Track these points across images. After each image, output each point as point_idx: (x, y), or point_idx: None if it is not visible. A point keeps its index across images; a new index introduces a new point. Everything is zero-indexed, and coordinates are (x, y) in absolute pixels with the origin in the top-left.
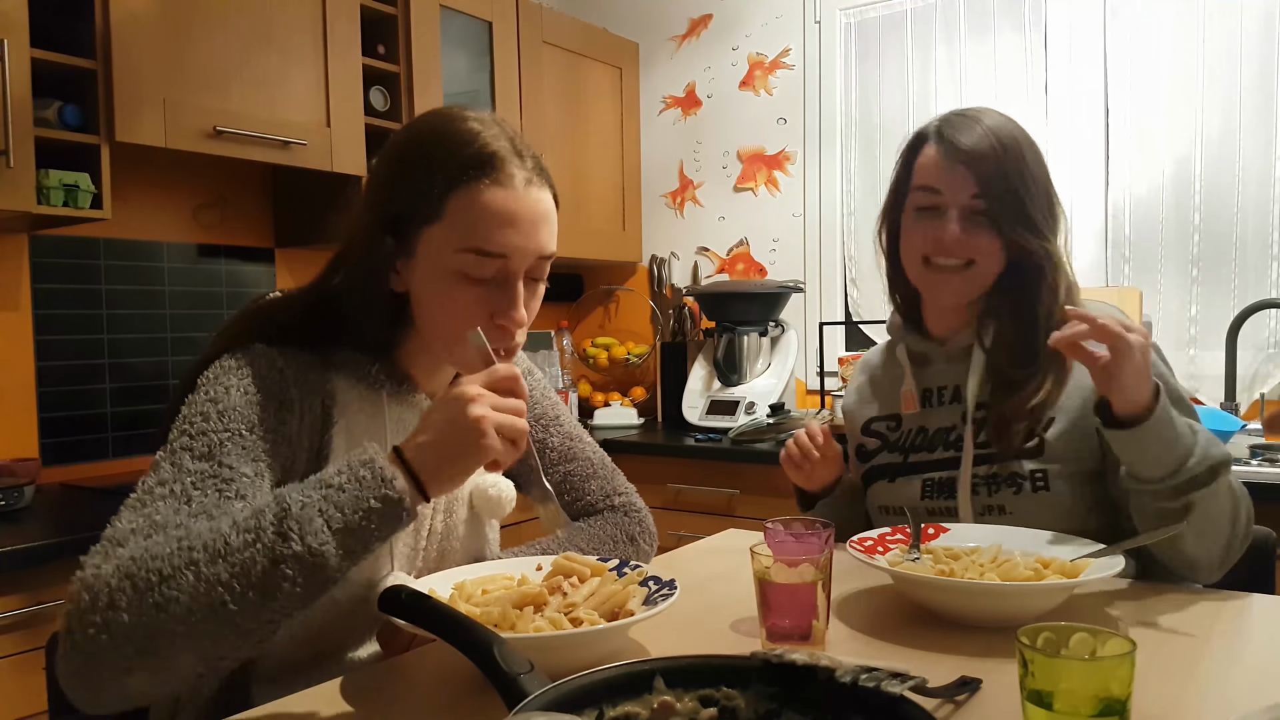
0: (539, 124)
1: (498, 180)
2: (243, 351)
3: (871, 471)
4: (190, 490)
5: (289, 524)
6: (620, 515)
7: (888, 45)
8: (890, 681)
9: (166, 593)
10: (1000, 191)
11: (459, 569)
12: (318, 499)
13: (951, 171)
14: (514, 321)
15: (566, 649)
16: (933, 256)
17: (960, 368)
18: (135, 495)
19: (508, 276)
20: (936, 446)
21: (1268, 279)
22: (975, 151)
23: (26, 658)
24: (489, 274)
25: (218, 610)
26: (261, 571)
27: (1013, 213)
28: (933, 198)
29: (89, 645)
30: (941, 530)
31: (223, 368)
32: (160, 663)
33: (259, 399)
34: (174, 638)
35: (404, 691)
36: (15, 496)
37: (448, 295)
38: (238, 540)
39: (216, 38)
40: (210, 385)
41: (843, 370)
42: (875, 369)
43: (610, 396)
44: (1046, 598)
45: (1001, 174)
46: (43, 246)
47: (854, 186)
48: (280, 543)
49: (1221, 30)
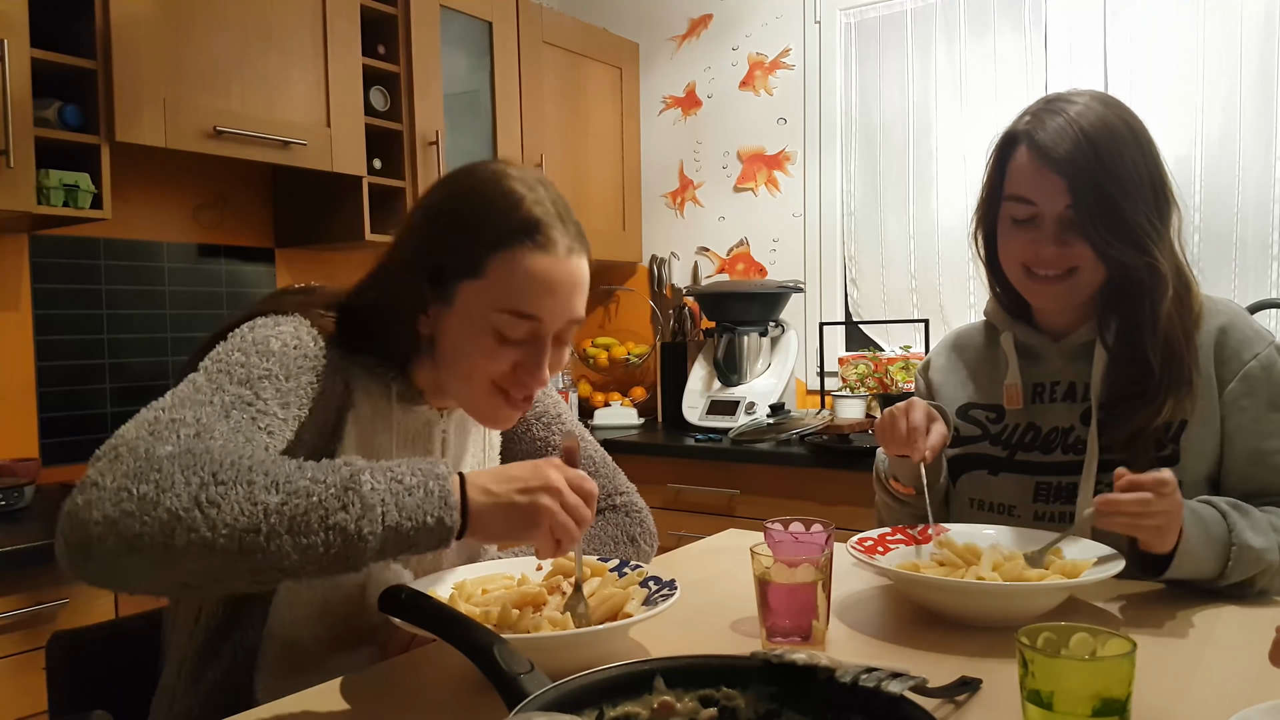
0: (539, 124)
1: (541, 246)
2: (285, 316)
3: (966, 459)
4: (230, 408)
5: (352, 497)
6: (621, 515)
7: (888, 45)
8: (890, 681)
9: (213, 493)
10: (1092, 201)
11: (459, 569)
12: (386, 488)
13: (1042, 180)
14: (538, 381)
15: (566, 649)
16: (1033, 267)
17: (1078, 366)
18: (165, 400)
19: (539, 338)
20: (1053, 448)
21: (1268, 279)
22: (1066, 158)
23: (26, 658)
24: (521, 334)
25: (247, 535)
26: (305, 525)
27: (1107, 222)
28: (1028, 209)
29: (112, 503)
30: (941, 530)
31: (264, 323)
32: (167, 555)
33: (297, 356)
34: (196, 537)
35: (404, 691)
36: (15, 496)
37: (477, 348)
38: (302, 484)
39: (216, 38)
40: (253, 331)
41: (843, 370)
42: (971, 351)
43: (610, 396)
44: (1046, 598)
45: (1093, 182)
46: (43, 246)
47: (854, 186)
48: (337, 509)
49: (1221, 30)
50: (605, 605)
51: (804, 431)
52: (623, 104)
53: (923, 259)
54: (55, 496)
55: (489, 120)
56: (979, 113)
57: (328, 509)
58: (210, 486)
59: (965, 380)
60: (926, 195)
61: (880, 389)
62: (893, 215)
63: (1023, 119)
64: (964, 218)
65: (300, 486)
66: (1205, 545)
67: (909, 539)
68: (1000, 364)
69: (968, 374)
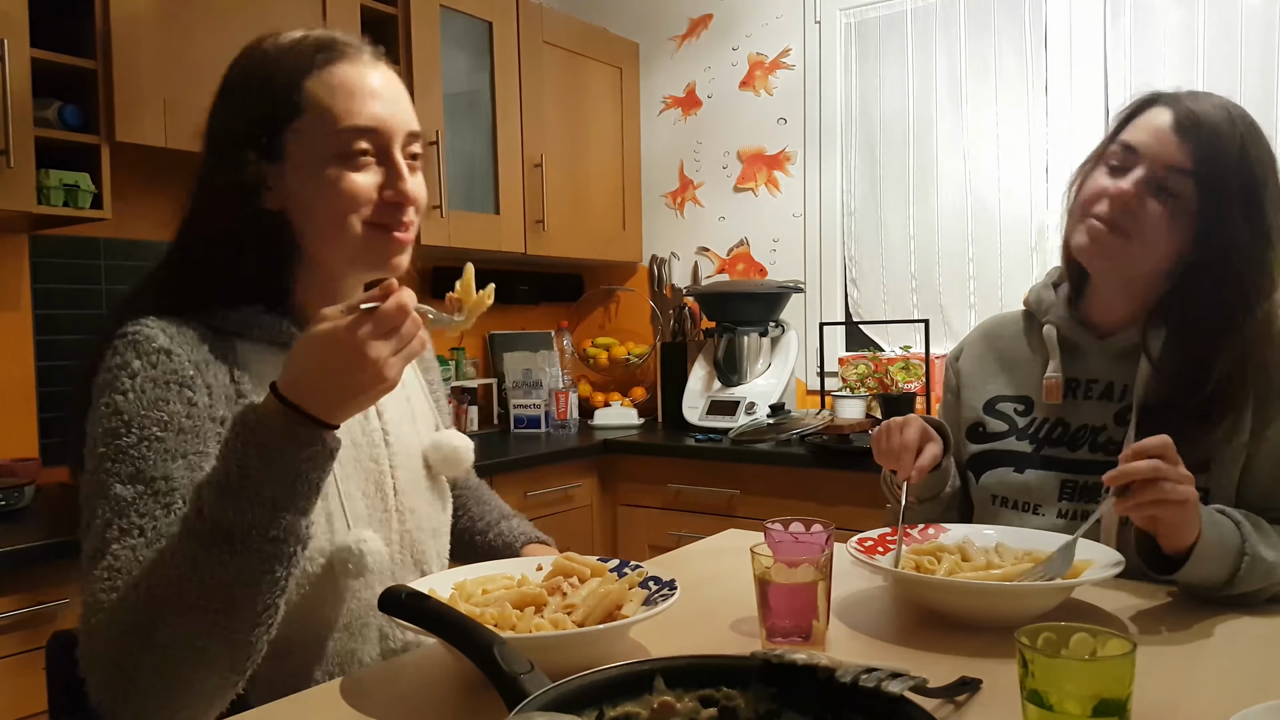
0: (539, 124)
1: (347, 58)
2: (124, 343)
3: (991, 456)
4: (135, 520)
5: (234, 530)
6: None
7: (888, 45)
8: (890, 681)
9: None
10: (1215, 174)
11: (459, 569)
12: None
13: (1161, 134)
14: (404, 195)
15: (567, 649)
16: (1096, 210)
17: (1122, 367)
18: (88, 542)
19: (386, 150)
20: (1080, 445)
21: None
22: (1201, 125)
23: (26, 658)
24: (366, 153)
25: (214, 629)
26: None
27: (1223, 200)
28: (1127, 156)
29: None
30: (941, 530)
31: (111, 369)
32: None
33: (157, 391)
34: (191, 672)
35: (404, 691)
36: (15, 496)
37: (330, 187)
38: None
39: (216, 38)
40: (107, 393)
41: (843, 370)
42: (1004, 340)
43: (610, 396)
44: (1047, 598)
45: (1225, 162)
46: (43, 246)
47: (854, 186)
48: (239, 547)
49: (1221, 30)
50: (604, 605)
51: (804, 432)
52: (623, 104)
53: (923, 259)
54: (55, 496)
55: (489, 120)
56: (979, 113)
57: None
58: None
59: (996, 371)
60: (926, 195)
61: (880, 389)
62: (893, 215)
63: (1166, 90)
64: (964, 218)
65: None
66: (1219, 549)
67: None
68: (1035, 354)
69: (999, 364)
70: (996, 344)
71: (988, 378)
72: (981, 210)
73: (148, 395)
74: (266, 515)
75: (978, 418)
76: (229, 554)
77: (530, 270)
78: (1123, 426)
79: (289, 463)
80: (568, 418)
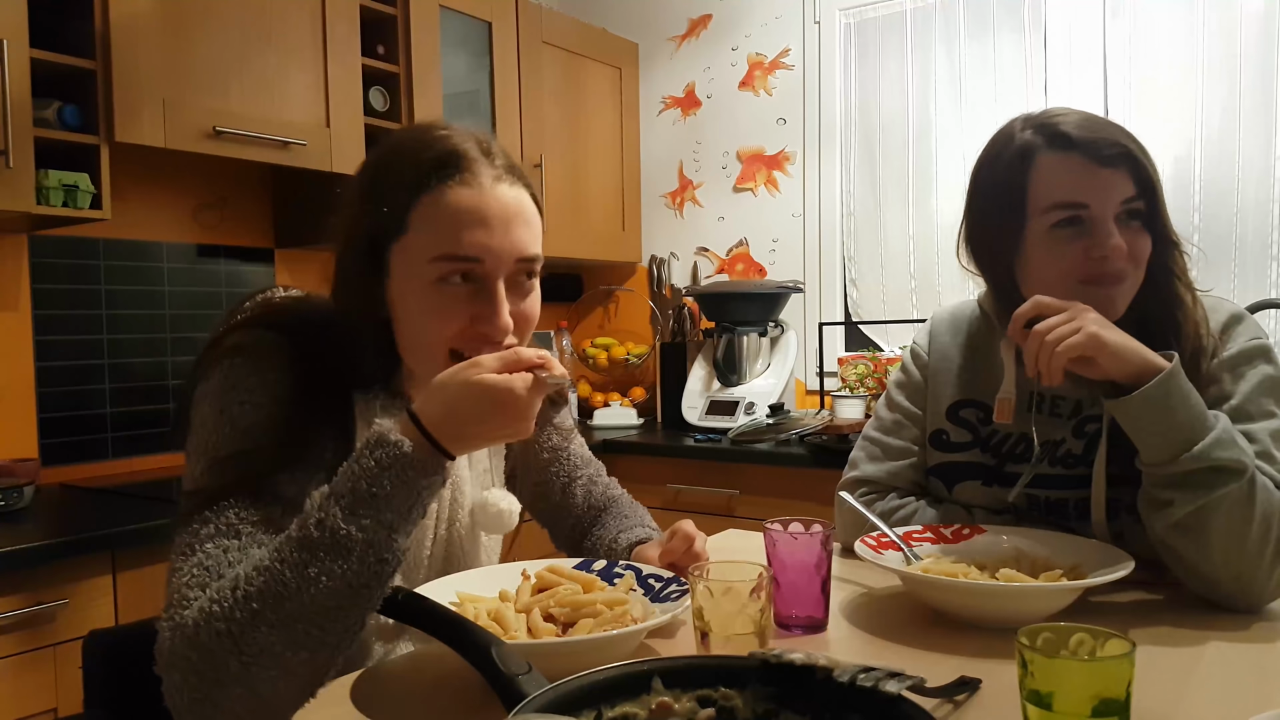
0: (539, 124)
1: (463, 180)
2: (244, 356)
3: (958, 468)
4: (233, 521)
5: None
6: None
7: (887, 45)
8: (888, 681)
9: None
10: (1152, 190)
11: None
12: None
13: (1097, 179)
14: (497, 329)
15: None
16: (1091, 274)
17: (1082, 381)
18: (181, 536)
19: (485, 281)
20: (1041, 459)
21: (1267, 279)
22: (1123, 152)
23: (27, 658)
24: (464, 282)
25: (306, 642)
26: (337, 597)
27: (1162, 212)
28: (1078, 213)
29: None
30: (978, 531)
31: (230, 378)
32: (271, 703)
33: (282, 412)
34: (276, 681)
35: (404, 692)
36: (15, 496)
37: (423, 310)
38: (295, 579)
39: (216, 38)
40: (225, 403)
41: (842, 370)
42: (969, 338)
43: (610, 397)
44: (1053, 600)
45: (1151, 171)
46: (42, 246)
47: (854, 186)
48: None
49: (1221, 30)
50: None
51: (803, 432)
52: (622, 104)
53: (922, 259)
54: (55, 496)
55: (489, 120)
56: (978, 113)
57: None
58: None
59: (959, 370)
60: (926, 195)
61: (880, 389)
62: (892, 215)
63: (1025, 133)
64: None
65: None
66: (1186, 405)
67: (938, 538)
68: (996, 359)
69: (963, 363)
70: (959, 340)
71: (951, 379)
72: None
73: (265, 413)
74: (384, 536)
75: (941, 425)
76: (341, 568)
77: None
78: (1081, 439)
79: (414, 489)
80: None
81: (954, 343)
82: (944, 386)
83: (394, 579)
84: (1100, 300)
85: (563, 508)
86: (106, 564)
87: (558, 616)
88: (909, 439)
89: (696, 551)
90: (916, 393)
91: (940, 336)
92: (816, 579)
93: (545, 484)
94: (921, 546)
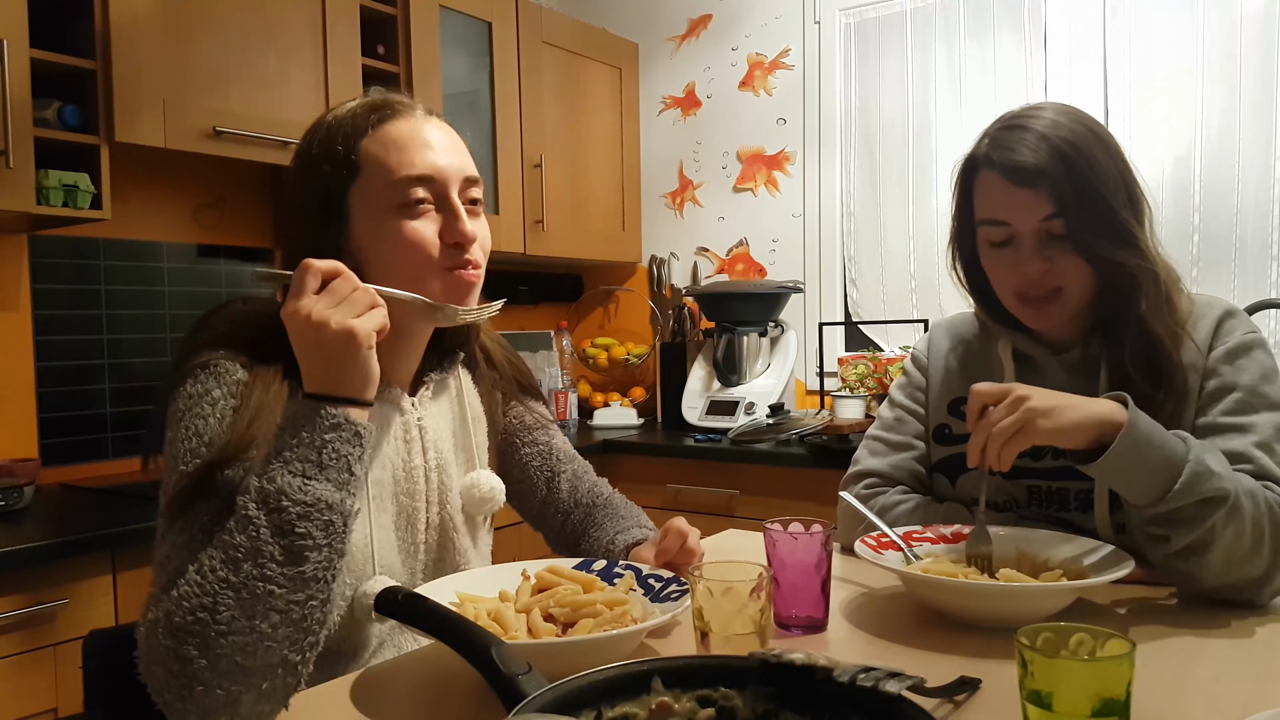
0: (539, 124)
1: (398, 114)
2: (206, 372)
3: (960, 460)
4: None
5: (271, 499)
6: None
7: (887, 45)
8: (888, 681)
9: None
10: (1075, 208)
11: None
12: (278, 467)
13: (1014, 198)
14: (464, 235)
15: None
16: (1023, 291)
17: (1079, 380)
18: (162, 551)
19: (444, 197)
20: (1043, 454)
21: (1267, 279)
22: (1038, 169)
23: (27, 658)
24: (425, 202)
25: (271, 602)
26: (283, 548)
27: (1094, 227)
28: (1003, 230)
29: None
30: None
31: (193, 395)
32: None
33: (242, 422)
34: (255, 649)
35: (404, 692)
36: (15, 496)
37: (395, 237)
38: (244, 540)
39: (216, 38)
40: (188, 419)
41: (842, 370)
42: (966, 342)
43: (610, 397)
44: (1054, 599)
45: (1074, 188)
46: (42, 246)
47: (854, 186)
48: (277, 515)
49: (1220, 30)
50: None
51: (803, 432)
52: (622, 104)
53: (922, 259)
54: (55, 496)
55: (489, 121)
56: (978, 113)
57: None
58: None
59: (959, 370)
60: (926, 195)
61: (880, 389)
62: (892, 215)
63: (982, 142)
64: None
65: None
66: (1153, 450)
67: (938, 538)
68: (993, 364)
69: (960, 365)
70: (958, 346)
71: (951, 378)
72: None
73: (227, 421)
74: (298, 484)
75: (943, 419)
76: (268, 527)
77: (530, 270)
78: None
79: (315, 437)
80: (567, 418)
81: (953, 346)
82: (944, 384)
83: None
84: (1037, 318)
85: (549, 503)
86: (106, 564)
87: (558, 616)
88: (911, 433)
89: (691, 548)
90: (918, 391)
91: (939, 341)
92: (816, 579)
93: (528, 481)
94: (921, 546)
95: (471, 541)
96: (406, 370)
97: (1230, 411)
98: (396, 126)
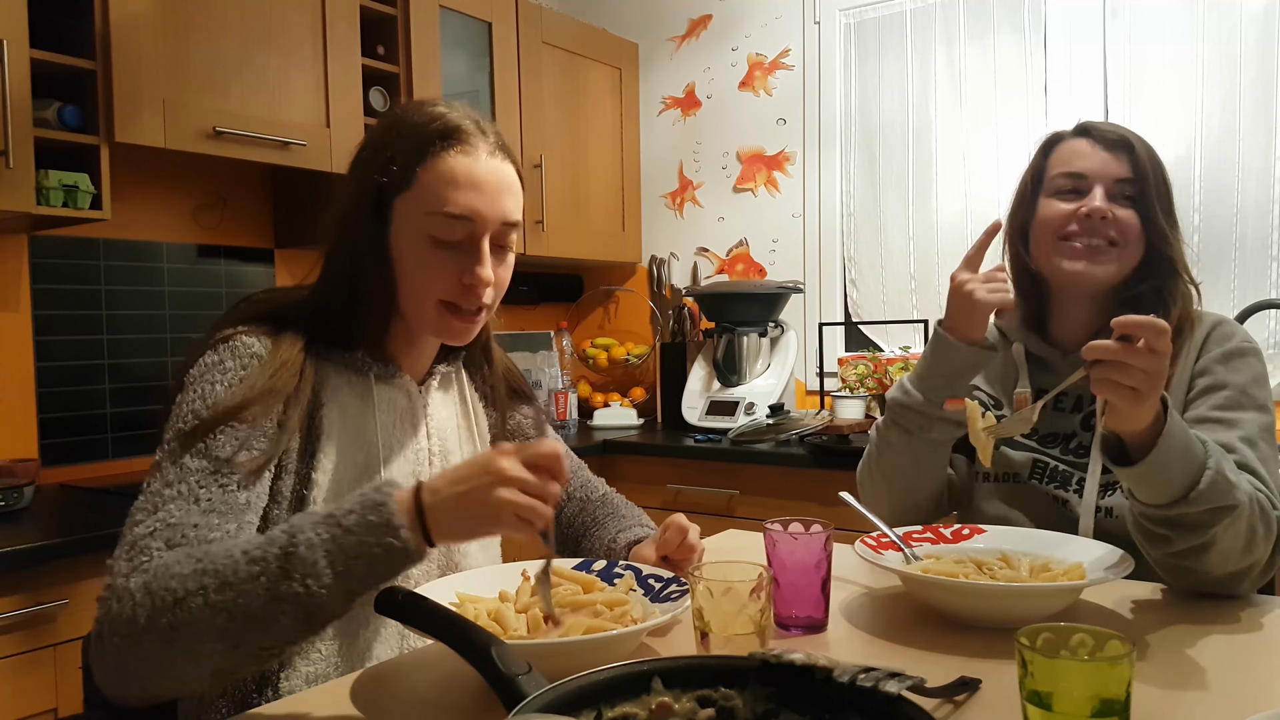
0: (539, 124)
1: (463, 150)
2: (225, 345)
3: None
4: (196, 489)
5: (294, 563)
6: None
7: (887, 46)
8: (888, 681)
9: (179, 615)
10: (1147, 181)
11: (453, 576)
12: (325, 540)
13: (1097, 155)
14: (480, 280)
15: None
16: (1072, 233)
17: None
18: (144, 498)
19: (474, 240)
20: (1053, 449)
21: (1268, 279)
22: (1122, 139)
23: (27, 658)
24: (456, 238)
25: (221, 634)
26: (261, 605)
27: (1159, 204)
28: (1075, 181)
29: (117, 654)
30: (977, 531)
31: (207, 364)
32: (177, 673)
33: (244, 390)
34: (186, 654)
35: (404, 692)
36: (15, 497)
37: (417, 261)
38: (245, 570)
39: (216, 38)
40: (198, 383)
41: (842, 371)
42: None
43: (610, 397)
44: (1054, 599)
45: (1150, 168)
46: (42, 247)
47: (854, 187)
48: (282, 579)
49: (1220, 30)
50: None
51: (803, 432)
52: (622, 104)
53: (922, 259)
54: (55, 497)
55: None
56: (978, 113)
57: (275, 585)
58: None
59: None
60: (926, 195)
61: (880, 390)
62: (892, 215)
63: (1065, 128)
64: (963, 218)
65: (245, 574)
66: (1181, 457)
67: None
68: (1008, 369)
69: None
70: None
71: None
72: (980, 211)
73: (233, 390)
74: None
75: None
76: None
77: (530, 271)
78: (1089, 431)
79: (385, 571)
80: (567, 418)
81: None
82: None
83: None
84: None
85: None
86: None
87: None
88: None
89: (691, 543)
90: None
91: None
92: (816, 579)
93: None
94: (921, 546)
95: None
96: (421, 364)
97: (1220, 406)
98: (454, 161)
